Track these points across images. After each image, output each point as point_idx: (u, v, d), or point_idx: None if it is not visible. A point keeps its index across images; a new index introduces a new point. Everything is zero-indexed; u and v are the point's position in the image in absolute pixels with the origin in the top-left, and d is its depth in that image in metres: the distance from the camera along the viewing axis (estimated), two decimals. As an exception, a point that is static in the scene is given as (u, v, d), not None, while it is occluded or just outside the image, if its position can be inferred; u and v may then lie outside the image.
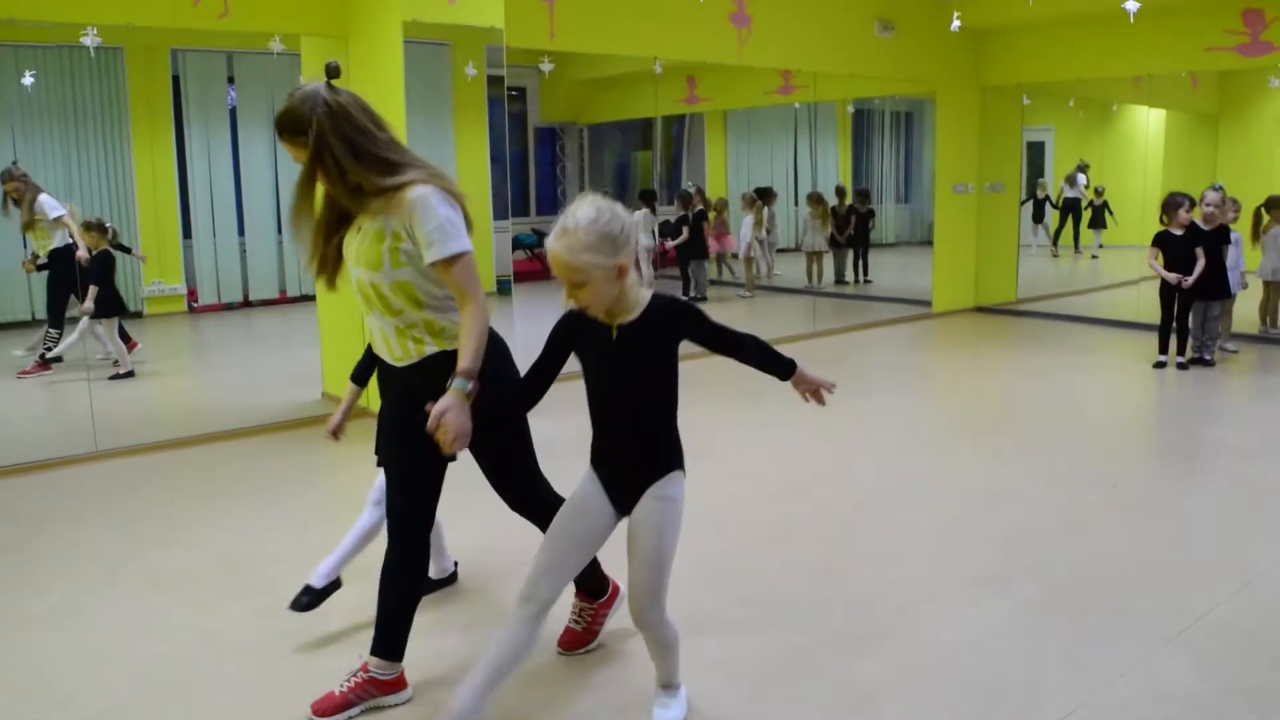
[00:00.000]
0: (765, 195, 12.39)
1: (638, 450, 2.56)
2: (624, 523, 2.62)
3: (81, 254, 6.91)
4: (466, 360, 2.52)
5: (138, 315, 9.92)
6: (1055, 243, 15.58)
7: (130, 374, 7.14)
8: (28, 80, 9.86)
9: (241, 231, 10.89)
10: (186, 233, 9.66)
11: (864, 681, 2.99)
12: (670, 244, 11.26)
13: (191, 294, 8.17)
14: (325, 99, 2.54)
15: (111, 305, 7.08)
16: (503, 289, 10.24)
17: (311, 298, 11.04)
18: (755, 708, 2.86)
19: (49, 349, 7.12)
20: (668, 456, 2.57)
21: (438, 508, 2.85)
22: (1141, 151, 15.21)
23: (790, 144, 16.57)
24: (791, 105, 15.21)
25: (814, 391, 2.72)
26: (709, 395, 6.78)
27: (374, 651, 2.81)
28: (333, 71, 2.63)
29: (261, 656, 3.19)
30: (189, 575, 3.85)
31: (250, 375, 7.56)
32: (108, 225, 7.43)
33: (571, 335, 2.56)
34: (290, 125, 2.55)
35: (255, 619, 3.45)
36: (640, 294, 2.47)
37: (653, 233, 12.22)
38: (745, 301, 11.28)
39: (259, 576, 3.81)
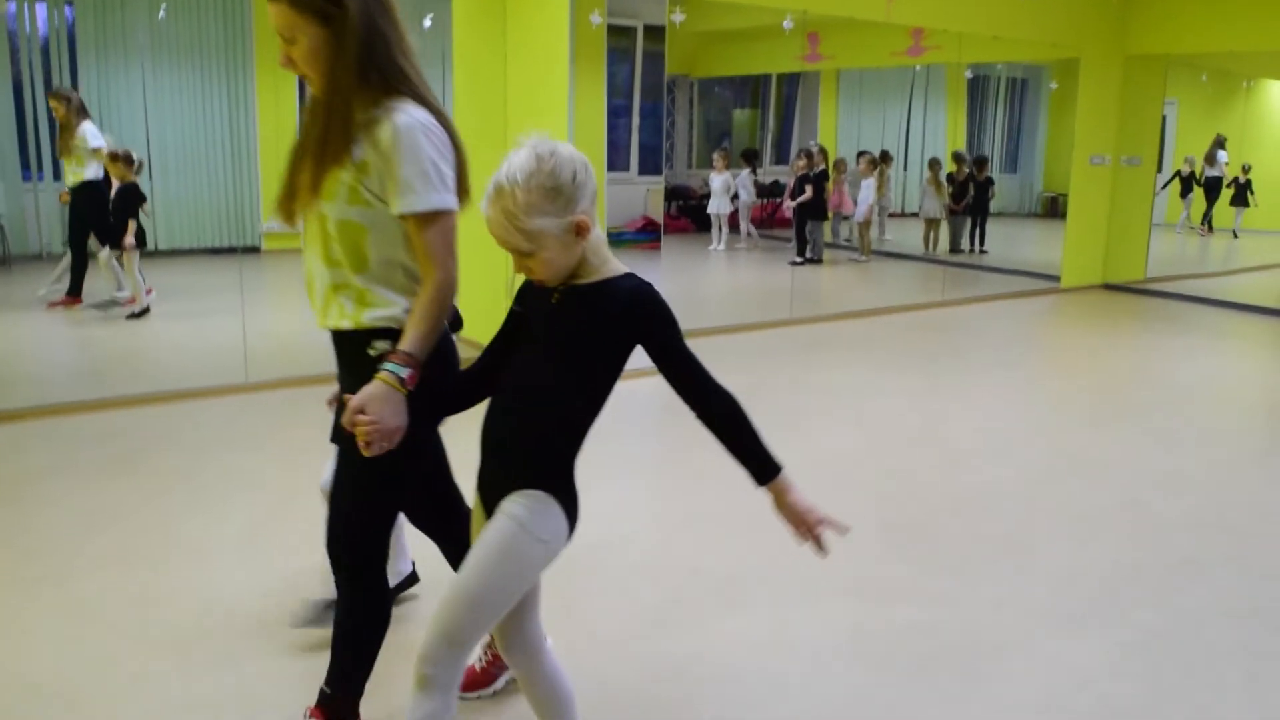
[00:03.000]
0: (884, 159, 12.12)
1: (510, 440, 1.90)
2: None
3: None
4: (411, 341, 1.96)
5: (255, 250, 10.03)
6: (1205, 222, 15.06)
7: (146, 311, 6.94)
8: (161, 15, 9.94)
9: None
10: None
11: (1076, 662, 2.86)
12: (791, 203, 11.06)
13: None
14: None
15: (135, 239, 6.88)
16: (622, 239, 10.17)
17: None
18: (964, 684, 2.75)
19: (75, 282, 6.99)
20: (541, 468, 1.87)
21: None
22: (1274, 129, 14.59)
23: (902, 108, 16.20)
24: (909, 68, 14.87)
25: (812, 531, 1.94)
26: (851, 359, 6.64)
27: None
28: None
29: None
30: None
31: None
32: (135, 158, 7.23)
33: (524, 302, 1.98)
34: None
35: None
36: (607, 259, 1.88)
37: (751, 190, 12.08)
38: (860, 266, 11.06)
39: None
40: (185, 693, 2.59)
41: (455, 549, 2.42)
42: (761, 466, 1.93)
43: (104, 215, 7.10)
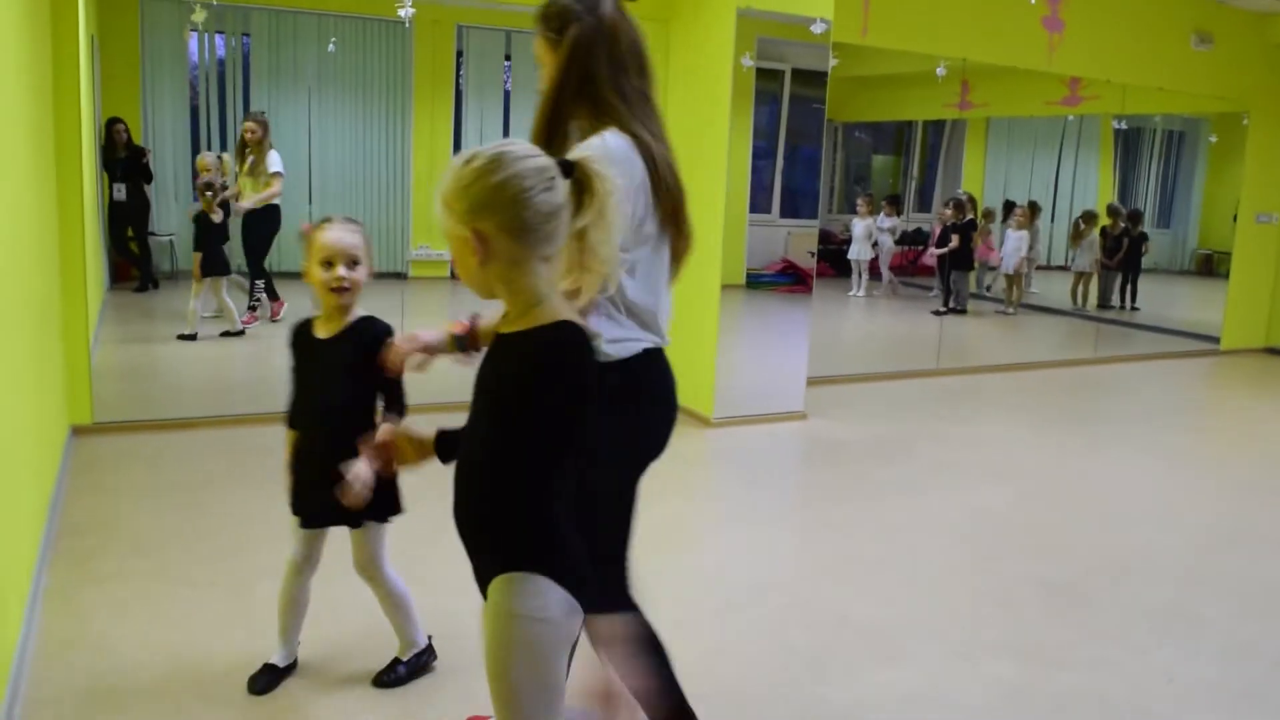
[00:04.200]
0: (1032, 210, 11.86)
1: (465, 527, 1.72)
2: None
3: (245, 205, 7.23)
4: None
5: (401, 276, 10.39)
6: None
7: (241, 333, 7.08)
8: (330, 48, 10.44)
9: (503, 205, 11.24)
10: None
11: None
12: (935, 252, 10.90)
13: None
14: (604, 10, 2.06)
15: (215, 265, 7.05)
16: (761, 281, 10.16)
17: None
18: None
19: (257, 300, 7.37)
20: (509, 548, 1.65)
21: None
22: None
23: (1052, 158, 15.84)
24: (1062, 118, 14.54)
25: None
26: (999, 414, 6.50)
27: None
28: None
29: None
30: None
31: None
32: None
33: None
34: (544, 15, 2.09)
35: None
36: (540, 301, 1.60)
37: (892, 235, 11.95)
38: (1007, 319, 10.80)
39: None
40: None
41: None
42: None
43: (270, 238, 7.54)
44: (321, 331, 2.60)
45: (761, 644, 3.17)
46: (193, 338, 6.99)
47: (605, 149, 1.96)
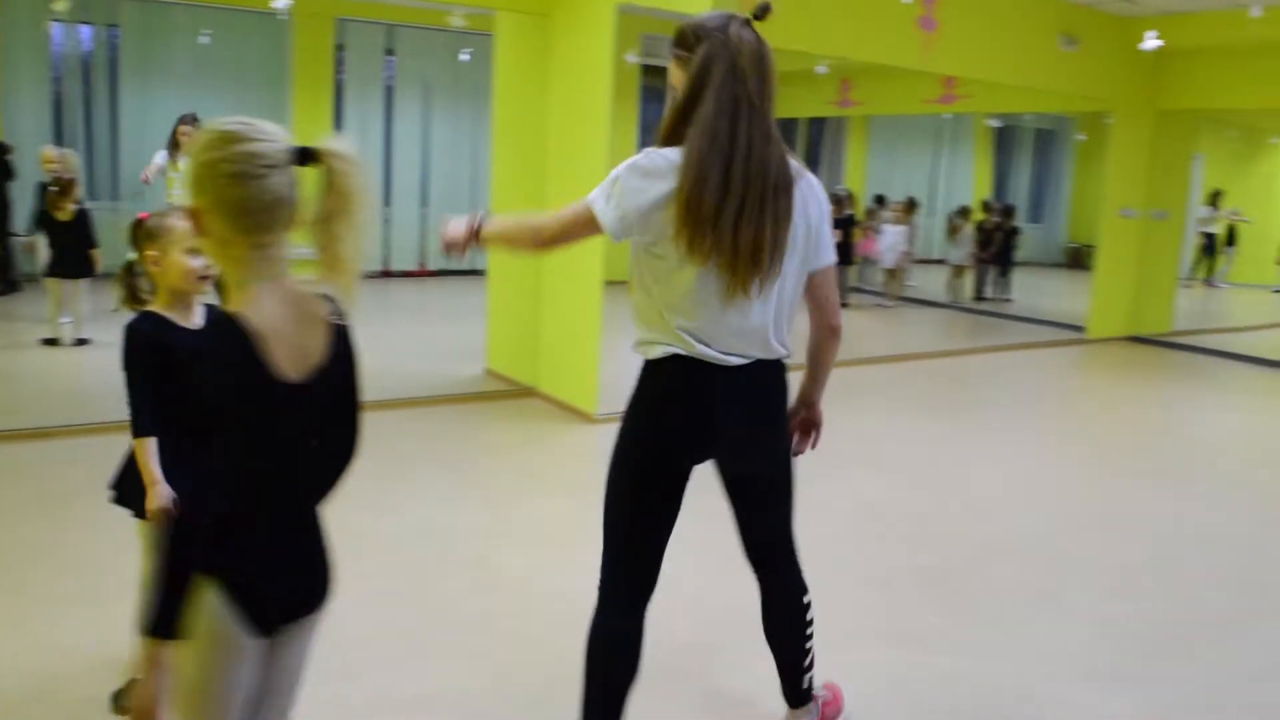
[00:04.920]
0: (910, 205, 12.17)
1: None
2: None
3: None
4: None
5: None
6: (1211, 276, 15.16)
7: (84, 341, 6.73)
8: (204, 40, 10.09)
9: (387, 202, 11.05)
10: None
11: (1112, 714, 2.84)
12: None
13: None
14: (732, 29, 2.11)
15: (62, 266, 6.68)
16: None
17: (451, 273, 11.18)
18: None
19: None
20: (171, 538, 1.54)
21: None
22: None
23: (928, 155, 16.29)
24: (938, 116, 14.96)
25: None
26: (877, 405, 6.64)
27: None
28: (761, 11, 2.16)
29: (475, 632, 3.16)
30: (398, 542, 3.85)
31: (400, 345, 7.58)
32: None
33: None
34: (679, 37, 2.18)
35: (467, 594, 3.43)
36: (246, 290, 1.54)
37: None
38: (886, 311, 11.06)
39: (459, 549, 3.80)
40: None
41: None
42: None
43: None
44: (187, 323, 2.47)
45: (649, 638, 3.17)
46: (55, 343, 6.69)
47: (641, 156, 2.09)
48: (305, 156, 1.56)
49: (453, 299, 10.17)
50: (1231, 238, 15.31)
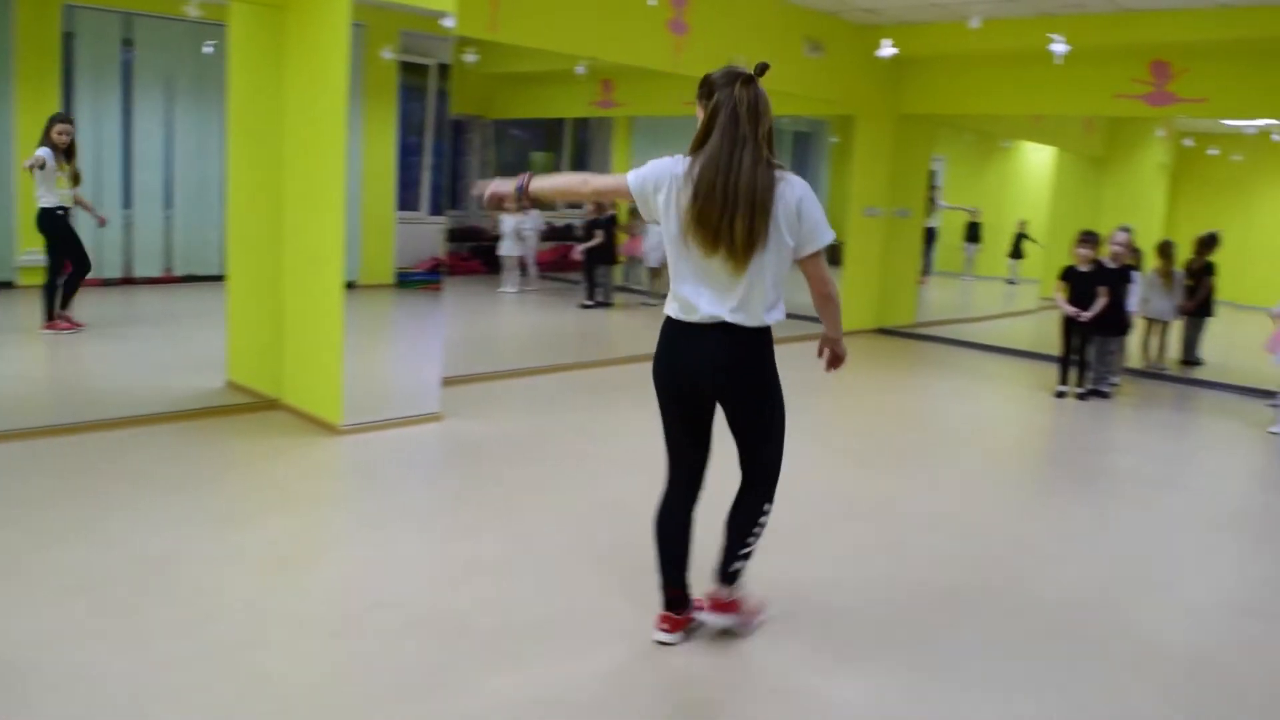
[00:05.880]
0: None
1: None
2: None
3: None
4: None
5: (8, 285, 9.26)
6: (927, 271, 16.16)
7: None
8: (-99, 23, 9.12)
9: (128, 204, 10.30)
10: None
11: (841, 699, 2.93)
12: (580, 248, 11.13)
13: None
14: (739, 83, 2.89)
15: None
16: (412, 280, 9.95)
17: (198, 278, 10.53)
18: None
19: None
20: None
21: None
22: (1028, 186, 15.80)
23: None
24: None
25: None
26: (637, 402, 6.69)
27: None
28: (760, 70, 2.97)
29: (204, 671, 2.94)
30: (104, 576, 3.54)
31: (139, 358, 7.07)
32: None
33: None
34: (701, 87, 2.98)
35: (189, 628, 3.19)
36: None
37: (538, 233, 12.26)
38: (651, 310, 11.20)
39: (182, 579, 3.54)
40: None
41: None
42: None
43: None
44: None
45: (379, 664, 3.04)
46: None
47: (651, 163, 3.04)
48: None
49: (200, 306, 9.59)
50: (976, 234, 16.37)
